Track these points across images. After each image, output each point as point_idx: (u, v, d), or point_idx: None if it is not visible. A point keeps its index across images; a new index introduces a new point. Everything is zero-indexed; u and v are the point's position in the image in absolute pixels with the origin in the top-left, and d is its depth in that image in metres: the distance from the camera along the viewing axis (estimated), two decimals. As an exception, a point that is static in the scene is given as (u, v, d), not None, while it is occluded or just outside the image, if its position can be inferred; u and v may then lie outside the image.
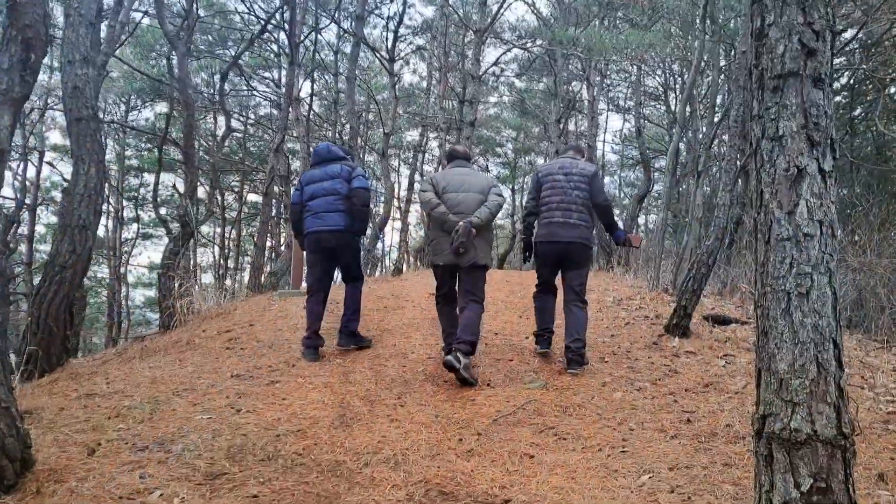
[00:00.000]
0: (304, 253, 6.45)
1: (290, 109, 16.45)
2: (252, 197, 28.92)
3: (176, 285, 8.47)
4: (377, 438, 4.04)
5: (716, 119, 12.06)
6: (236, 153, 25.66)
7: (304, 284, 8.60)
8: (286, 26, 15.37)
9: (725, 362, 5.68)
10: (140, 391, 5.03)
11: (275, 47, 21.77)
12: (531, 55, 25.86)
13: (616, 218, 6.13)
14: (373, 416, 4.44)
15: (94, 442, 3.95)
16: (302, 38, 16.08)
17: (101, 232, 28.02)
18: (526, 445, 3.94)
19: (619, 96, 30.04)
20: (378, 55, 22.87)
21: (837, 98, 16.09)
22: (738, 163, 6.62)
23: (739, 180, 11.02)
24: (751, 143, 2.78)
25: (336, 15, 20.85)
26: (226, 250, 26.05)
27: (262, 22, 15.37)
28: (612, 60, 18.87)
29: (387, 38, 22.11)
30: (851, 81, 15.14)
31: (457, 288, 5.82)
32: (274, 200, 20.22)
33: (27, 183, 20.34)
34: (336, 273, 6.86)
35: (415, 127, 30.35)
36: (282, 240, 21.71)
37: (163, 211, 22.90)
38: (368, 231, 6.80)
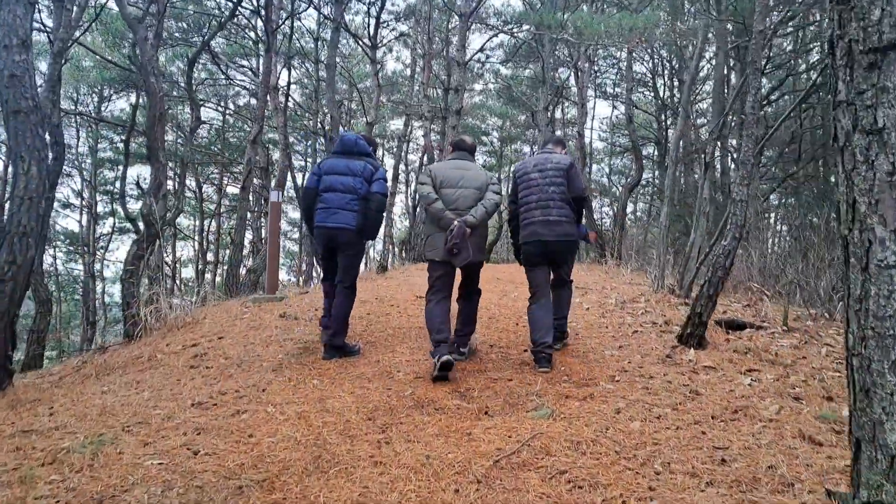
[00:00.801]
0: (314, 240, 6.25)
1: (268, 99, 15.73)
2: (232, 189, 28.14)
3: (142, 290, 7.77)
4: (358, 490, 3.39)
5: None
6: (214, 144, 24.84)
7: (279, 291, 7.99)
8: (262, 11, 14.62)
9: (751, 380, 5.06)
10: (85, 426, 4.36)
11: (253, 35, 21.03)
12: (517, 41, 25.17)
13: (584, 217, 6.24)
14: (353, 457, 3.78)
15: (18, 500, 3.29)
16: (279, 23, 15.30)
17: (75, 227, 27.25)
18: (535, 497, 3.30)
19: (606, 83, 29.49)
20: (360, 42, 22.13)
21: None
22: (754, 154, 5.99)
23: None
24: (835, 138, 2.13)
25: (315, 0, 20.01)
26: (204, 245, 25.24)
27: (235, 4, 14.55)
28: (603, 45, 18.16)
29: (368, 24, 21.36)
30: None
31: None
32: (253, 194, 19.49)
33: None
34: None
35: (399, 116, 29.66)
36: (262, 234, 20.92)
37: (138, 206, 22.14)
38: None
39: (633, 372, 5.24)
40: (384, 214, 6.47)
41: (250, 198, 16.74)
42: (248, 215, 17.68)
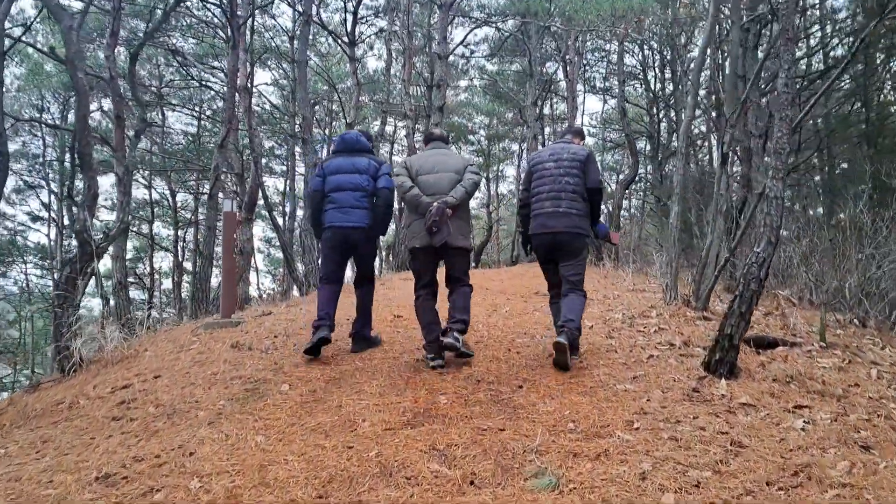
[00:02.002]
0: (322, 243, 6.12)
1: (239, 100, 14.68)
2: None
3: (74, 319, 6.73)
4: None
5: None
6: (190, 149, 23.72)
7: (235, 314, 6.99)
8: (227, 6, 13.56)
9: (804, 422, 4.04)
10: (-53, 518, 3.33)
11: (225, 35, 19.96)
12: (502, 34, 24.16)
13: (602, 210, 5.87)
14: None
15: None
16: (246, 17, 14.23)
17: (44, 241, 26.11)
18: None
19: (595, 76, 28.55)
20: (338, 40, 21.08)
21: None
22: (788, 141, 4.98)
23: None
24: None
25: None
26: (180, 256, 24.13)
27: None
28: (595, 31, 17.11)
29: (346, 20, 20.34)
30: (862, 44, 13.55)
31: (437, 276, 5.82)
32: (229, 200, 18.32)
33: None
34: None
35: (382, 115, 28.66)
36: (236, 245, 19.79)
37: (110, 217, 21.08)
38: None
39: (654, 414, 4.21)
40: (393, 209, 6.44)
41: (218, 207, 15.62)
42: (219, 224, 16.59)
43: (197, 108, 24.37)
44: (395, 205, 7.41)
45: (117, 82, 12.47)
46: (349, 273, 6.81)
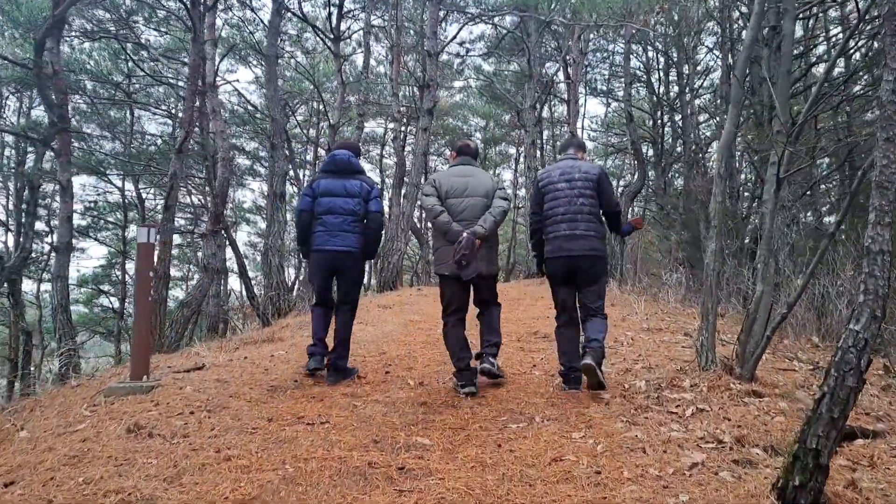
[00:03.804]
0: (309, 264, 6.25)
1: (203, 98, 13.20)
2: (189, 200, 25.49)
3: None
4: None
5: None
6: (160, 151, 22.17)
7: (147, 377, 5.51)
8: (188, -8, 12.05)
9: None
10: None
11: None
12: (500, 31, 22.67)
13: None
14: None
15: None
16: (208, 7, 12.72)
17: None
18: None
19: (597, 78, 27.21)
20: (324, 36, 19.58)
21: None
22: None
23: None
24: None
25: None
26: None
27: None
28: (604, 25, 15.60)
29: (330, 14, 18.84)
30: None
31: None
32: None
33: None
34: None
35: (372, 117, 27.24)
36: (199, 258, 18.25)
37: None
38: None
39: None
40: (382, 232, 6.48)
41: (173, 218, 14.15)
42: (178, 237, 15.12)
43: (173, 108, 22.87)
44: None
45: (52, 78, 10.97)
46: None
